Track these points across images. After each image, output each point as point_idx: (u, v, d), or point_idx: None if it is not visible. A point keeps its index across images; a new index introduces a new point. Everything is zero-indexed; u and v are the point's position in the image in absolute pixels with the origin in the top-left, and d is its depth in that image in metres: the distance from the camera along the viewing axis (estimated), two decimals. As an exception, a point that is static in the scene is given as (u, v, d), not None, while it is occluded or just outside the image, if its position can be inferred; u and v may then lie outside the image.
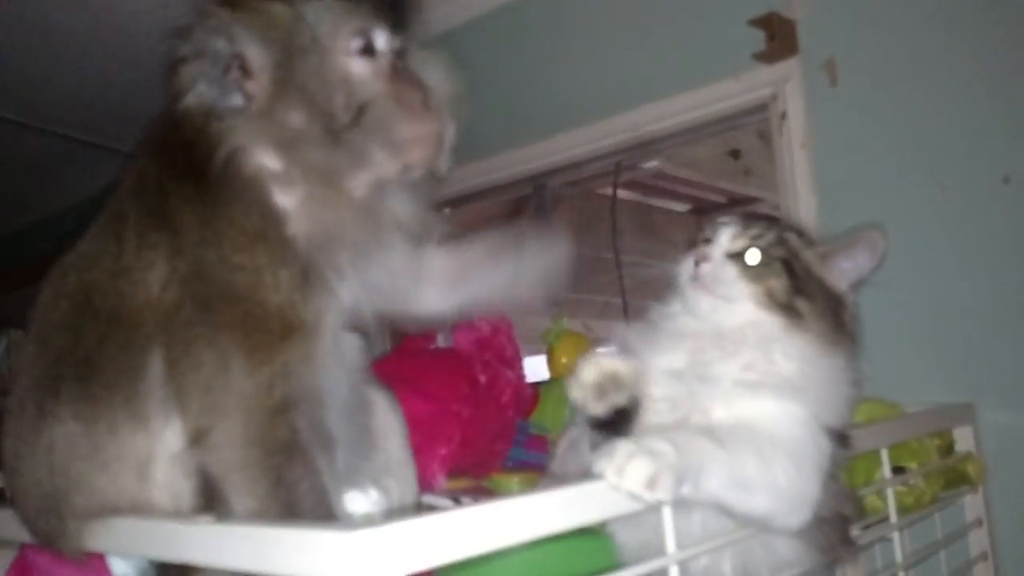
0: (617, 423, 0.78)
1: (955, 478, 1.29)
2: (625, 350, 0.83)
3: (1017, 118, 1.31)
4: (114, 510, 0.75)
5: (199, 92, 0.75)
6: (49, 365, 0.79)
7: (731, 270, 0.80)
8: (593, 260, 3.59)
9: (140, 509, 0.76)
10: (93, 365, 0.77)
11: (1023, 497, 1.31)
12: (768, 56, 1.52)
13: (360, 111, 0.75)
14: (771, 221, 0.87)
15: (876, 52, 1.45)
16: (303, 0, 0.76)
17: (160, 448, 0.76)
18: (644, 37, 1.76)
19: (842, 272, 0.83)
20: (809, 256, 0.83)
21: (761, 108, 1.61)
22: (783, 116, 1.55)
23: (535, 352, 1.70)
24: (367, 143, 0.75)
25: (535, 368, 1.62)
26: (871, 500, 1.16)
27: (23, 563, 0.99)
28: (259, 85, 0.74)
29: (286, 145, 0.75)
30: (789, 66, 1.53)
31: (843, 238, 0.86)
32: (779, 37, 1.50)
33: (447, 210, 2.21)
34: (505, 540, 0.55)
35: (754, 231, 0.83)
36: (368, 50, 0.76)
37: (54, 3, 2.01)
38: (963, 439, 1.32)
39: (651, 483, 0.62)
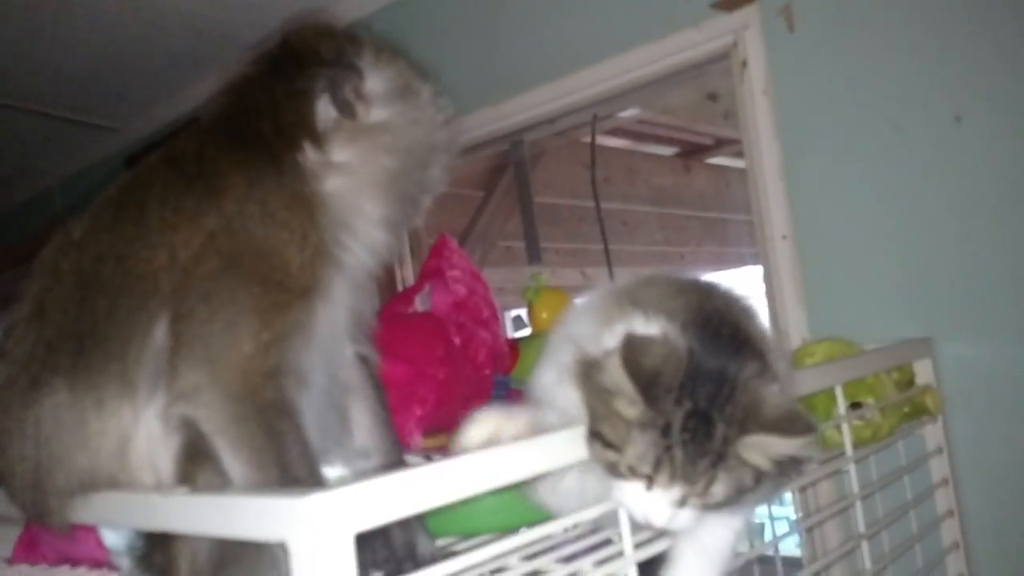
0: None
1: (915, 410, 1.35)
2: None
3: (967, 58, 1.33)
4: (92, 486, 0.78)
5: (320, 86, 0.85)
6: (48, 340, 0.81)
7: None
8: (580, 209, 3.61)
9: (119, 487, 0.78)
10: (97, 335, 0.79)
11: (981, 425, 1.37)
12: (726, 4, 1.53)
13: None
14: None
15: (831, -4, 1.47)
16: (443, 92, 0.95)
17: (141, 424, 0.78)
18: (606, -10, 1.77)
19: None
20: None
21: (724, 56, 1.63)
22: (744, 64, 1.57)
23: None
24: (422, 197, 0.96)
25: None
26: (831, 434, 1.21)
27: (30, 537, 1.04)
28: (364, 112, 0.88)
29: (365, 156, 0.87)
30: (748, 14, 1.54)
31: None
32: (736, -15, 1.51)
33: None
34: (448, 496, 0.60)
35: None
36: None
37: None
38: (923, 372, 1.37)
39: None
